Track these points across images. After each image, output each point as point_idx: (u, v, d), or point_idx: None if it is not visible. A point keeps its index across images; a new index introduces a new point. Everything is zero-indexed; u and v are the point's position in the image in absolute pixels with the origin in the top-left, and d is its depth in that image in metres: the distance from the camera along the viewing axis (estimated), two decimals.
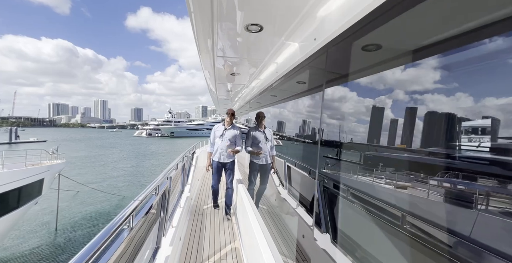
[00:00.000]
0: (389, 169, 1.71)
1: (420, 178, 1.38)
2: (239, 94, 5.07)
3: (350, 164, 2.33)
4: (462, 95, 1.21)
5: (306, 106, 3.81)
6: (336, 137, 2.52)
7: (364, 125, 2.44)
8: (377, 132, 2.08)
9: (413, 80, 1.58)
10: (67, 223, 10.30)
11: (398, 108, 1.86)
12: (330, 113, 2.53)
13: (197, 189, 4.99)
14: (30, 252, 8.06)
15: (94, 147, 41.52)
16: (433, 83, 1.37)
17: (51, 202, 10.83)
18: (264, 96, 3.97)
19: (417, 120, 1.55)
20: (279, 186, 4.48)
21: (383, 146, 1.88)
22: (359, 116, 2.72)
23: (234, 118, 3.60)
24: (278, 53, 2.26)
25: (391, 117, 1.93)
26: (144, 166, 23.23)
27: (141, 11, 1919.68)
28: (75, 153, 30.80)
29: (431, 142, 1.41)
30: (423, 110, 1.51)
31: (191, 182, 4.02)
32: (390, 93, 2.11)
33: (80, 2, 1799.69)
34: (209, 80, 3.84)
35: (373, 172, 1.82)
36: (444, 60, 1.29)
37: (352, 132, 2.58)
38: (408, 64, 1.59)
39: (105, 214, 11.21)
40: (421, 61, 1.40)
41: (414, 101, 1.68)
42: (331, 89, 2.41)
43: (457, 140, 1.28)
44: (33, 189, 8.62)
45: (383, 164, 1.76)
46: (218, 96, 5.53)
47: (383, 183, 1.62)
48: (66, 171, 17.89)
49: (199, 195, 4.64)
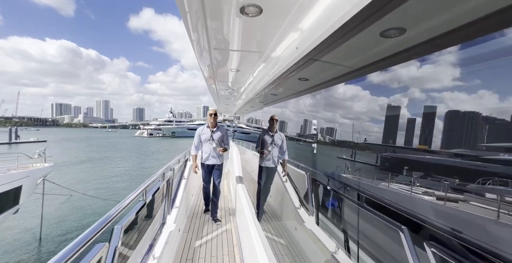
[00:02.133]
0: (416, 173, 1.44)
1: (473, 188, 1.03)
2: (240, 91, 4.76)
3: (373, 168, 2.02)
4: (486, 93, 1.01)
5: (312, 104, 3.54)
6: (351, 137, 2.25)
7: (378, 124, 2.21)
8: (393, 132, 1.82)
9: (431, 78, 1.34)
10: (54, 232, 9.05)
11: (416, 106, 1.62)
12: (343, 113, 2.29)
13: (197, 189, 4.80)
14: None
15: (94, 148, 41.43)
16: (452, 81, 1.15)
17: (37, 210, 9.48)
18: (268, 93, 3.68)
19: (436, 119, 1.32)
20: (300, 209, 3.25)
21: (400, 147, 1.62)
22: (373, 115, 2.46)
23: (217, 118, 3.56)
24: (281, 41, 1.87)
25: (408, 116, 1.69)
26: (145, 167, 23.02)
27: (144, 12, 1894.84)
28: (74, 153, 30.74)
29: (468, 142, 1.15)
30: (444, 108, 1.26)
31: (180, 204, 3.06)
32: (406, 91, 1.86)
33: (84, 4, 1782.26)
34: (208, 76, 3.49)
35: (398, 177, 1.53)
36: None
37: (366, 132, 2.33)
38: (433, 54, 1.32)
39: (95, 221, 10.41)
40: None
41: (432, 99, 1.44)
42: (344, 84, 2.14)
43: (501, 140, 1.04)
44: (6, 199, 7.43)
45: (409, 167, 1.48)
46: (219, 94, 5.23)
47: (420, 194, 1.28)
48: (59, 173, 17.04)
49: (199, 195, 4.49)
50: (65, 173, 17.85)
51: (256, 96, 4.09)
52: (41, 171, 9.25)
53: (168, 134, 78.79)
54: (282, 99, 3.92)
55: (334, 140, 2.69)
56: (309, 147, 3.59)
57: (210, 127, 3.46)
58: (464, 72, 1.09)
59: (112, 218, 1.22)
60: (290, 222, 3.34)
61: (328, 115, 2.76)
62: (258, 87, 3.39)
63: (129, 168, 21.66)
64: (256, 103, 5.32)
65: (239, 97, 5.52)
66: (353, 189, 1.93)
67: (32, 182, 8.59)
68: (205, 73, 3.21)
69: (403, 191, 1.43)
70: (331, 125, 2.69)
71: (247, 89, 4.21)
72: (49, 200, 11.11)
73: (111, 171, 19.92)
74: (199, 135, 3.48)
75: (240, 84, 3.88)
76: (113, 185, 15.60)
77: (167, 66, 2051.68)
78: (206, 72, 3.11)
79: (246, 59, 2.35)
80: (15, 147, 36.62)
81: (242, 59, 2.38)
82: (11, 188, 7.40)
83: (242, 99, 5.63)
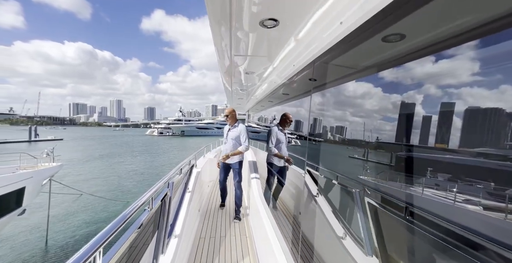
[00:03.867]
0: (442, 175, 1.28)
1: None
2: (254, 91, 4.89)
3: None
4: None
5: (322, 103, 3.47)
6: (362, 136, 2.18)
7: (391, 122, 2.12)
8: (408, 131, 1.73)
9: (447, 73, 1.25)
10: (61, 235, 8.41)
11: (432, 103, 1.52)
12: (353, 111, 2.23)
13: (207, 192, 4.78)
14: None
15: (107, 146, 42.78)
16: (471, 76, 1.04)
17: (46, 211, 8.93)
18: (278, 93, 3.67)
19: (455, 116, 1.19)
20: (346, 239, 1.83)
21: (419, 146, 1.50)
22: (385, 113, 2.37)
23: (233, 116, 3.57)
24: (294, 47, 2.11)
25: (423, 113, 1.59)
26: (155, 166, 23.52)
27: (155, 14, 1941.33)
28: (87, 152, 31.87)
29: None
30: (464, 105, 1.14)
31: (181, 231, 2.27)
32: (420, 87, 1.77)
33: (100, 7, 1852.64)
34: (225, 78, 3.78)
35: (418, 179, 1.43)
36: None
37: (378, 130, 2.26)
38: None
39: (104, 221, 9.58)
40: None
41: (449, 96, 1.33)
42: (356, 82, 2.09)
43: None
44: (7, 201, 7.02)
45: (433, 169, 1.36)
46: (233, 94, 5.46)
47: (461, 202, 0.94)
48: (70, 173, 16.99)
49: (210, 197, 4.43)
50: (77, 172, 18.07)
51: (266, 97, 4.17)
52: (47, 171, 8.80)
53: (177, 133, 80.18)
54: (293, 99, 3.90)
55: (344, 139, 2.60)
56: (319, 146, 3.49)
57: (229, 125, 3.56)
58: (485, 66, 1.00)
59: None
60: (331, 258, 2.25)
61: (337, 114, 2.71)
62: (270, 87, 3.50)
63: (140, 166, 22.21)
64: (266, 103, 5.38)
65: (251, 95, 5.62)
66: (399, 201, 1.36)
67: (36, 183, 8.14)
68: (223, 75, 3.56)
69: (441, 198, 1.12)
70: (341, 124, 2.63)
71: (259, 89, 4.34)
72: (57, 200, 10.93)
73: (122, 169, 20.46)
74: (224, 132, 3.66)
75: (253, 85, 4.14)
76: (123, 183, 15.57)
77: (177, 66, 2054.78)
78: (224, 74, 3.44)
79: (261, 63, 2.68)
80: (34, 145, 38.48)
81: (257, 63, 2.71)
82: (12, 190, 6.99)
83: (254, 98, 5.76)
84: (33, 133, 45.10)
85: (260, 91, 4.52)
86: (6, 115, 52.76)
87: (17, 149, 30.29)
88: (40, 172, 8.27)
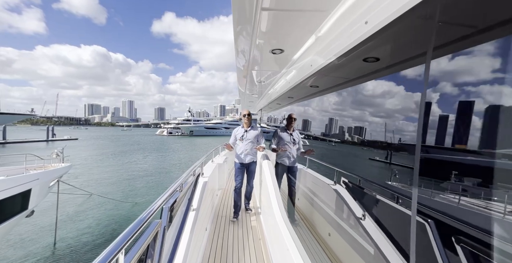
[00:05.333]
0: (471, 180, 1.13)
1: None
2: (264, 94, 5.12)
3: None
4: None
5: None
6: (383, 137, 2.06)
7: (414, 123, 1.99)
8: (433, 131, 1.58)
9: (461, 70, 1.10)
10: (70, 235, 8.26)
11: (464, 102, 1.36)
12: (373, 111, 2.14)
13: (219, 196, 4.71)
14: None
15: (120, 145, 43.95)
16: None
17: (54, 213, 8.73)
18: (285, 95, 3.64)
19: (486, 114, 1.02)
20: None
21: (451, 149, 1.31)
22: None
23: (251, 118, 3.68)
24: (298, 65, 2.49)
25: (439, 112, 1.43)
26: (164, 166, 23.90)
27: (166, 17, 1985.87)
28: (100, 151, 32.80)
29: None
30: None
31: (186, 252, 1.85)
32: (435, 86, 1.63)
33: (114, 12, 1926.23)
34: (240, 85, 4.40)
35: (444, 184, 1.31)
36: None
37: (399, 131, 2.13)
38: None
39: (116, 222, 9.37)
40: None
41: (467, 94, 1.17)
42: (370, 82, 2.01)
43: None
44: (12, 204, 6.78)
45: (459, 173, 1.24)
46: (246, 97, 5.78)
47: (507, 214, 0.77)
48: (83, 172, 17.13)
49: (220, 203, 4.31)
50: (88, 172, 18.22)
51: (275, 100, 4.24)
52: (55, 172, 8.48)
53: (186, 133, 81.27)
54: (302, 99, 3.82)
55: (363, 140, 2.49)
56: (335, 147, 3.36)
57: (245, 127, 3.59)
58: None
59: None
60: None
61: (355, 113, 2.60)
62: (279, 91, 3.61)
63: (151, 166, 22.66)
64: (274, 105, 5.35)
65: (262, 98, 5.76)
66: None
67: (43, 184, 7.86)
68: (239, 84, 4.24)
69: (484, 209, 0.92)
70: (360, 124, 2.52)
71: (270, 92, 4.52)
72: (67, 201, 10.87)
73: (134, 169, 20.92)
74: (235, 135, 3.65)
75: (264, 90, 4.58)
76: (133, 184, 15.50)
77: (186, 67, 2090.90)
78: (241, 83, 4.07)
79: (272, 74, 3.14)
80: (51, 144, 40.13)
81: (269, 74, 3.18)
82: (17, 193, 6.74)
83: (263, 101, 5.86)
84: (51, 133, 47.08)
85: (269, 94, 4.59)
86: (27, 116, 55.51)
87: (34, 148, 31.69)
88: (47, 173, 7.99)
